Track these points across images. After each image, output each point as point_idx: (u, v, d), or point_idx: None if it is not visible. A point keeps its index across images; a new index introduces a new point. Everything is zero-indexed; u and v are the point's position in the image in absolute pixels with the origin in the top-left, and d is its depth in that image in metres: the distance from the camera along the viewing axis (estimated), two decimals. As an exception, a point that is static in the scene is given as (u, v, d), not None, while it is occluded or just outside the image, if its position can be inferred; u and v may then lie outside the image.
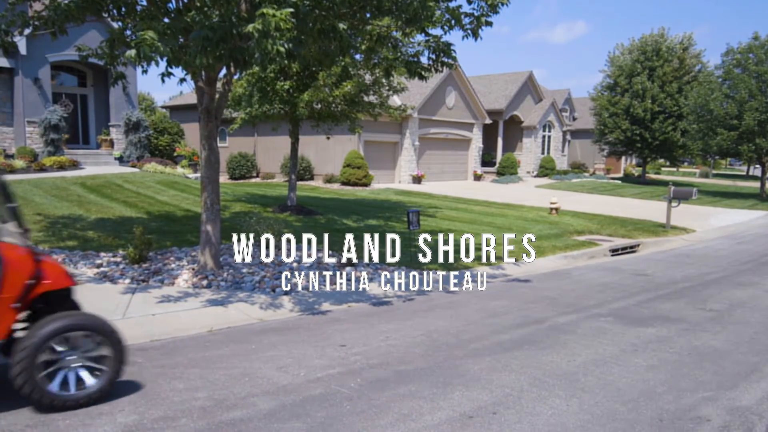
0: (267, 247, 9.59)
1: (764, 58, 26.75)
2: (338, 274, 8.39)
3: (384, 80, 14.30)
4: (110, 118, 23.88)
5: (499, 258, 10.32)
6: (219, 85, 8.16)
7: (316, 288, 7.61)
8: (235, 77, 13.83)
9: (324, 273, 8.36)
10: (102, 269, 7.93)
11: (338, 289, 7.67)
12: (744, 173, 57.49)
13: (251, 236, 9.98)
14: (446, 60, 8.16)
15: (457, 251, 10.73)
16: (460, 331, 5.90)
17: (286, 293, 7.28)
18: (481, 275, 9.10)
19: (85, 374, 3.96)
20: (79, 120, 24.20)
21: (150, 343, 5.35)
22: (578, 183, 33.38)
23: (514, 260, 10.29)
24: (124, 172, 19.49)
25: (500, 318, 6.46)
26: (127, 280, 7.45)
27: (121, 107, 23.74)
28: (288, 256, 9.19)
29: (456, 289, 8.15)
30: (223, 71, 8.07)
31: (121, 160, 23.02)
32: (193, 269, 7.96)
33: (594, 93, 38.12)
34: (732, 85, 27.29)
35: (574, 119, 46.44)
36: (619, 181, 36.47)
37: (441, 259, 9.89)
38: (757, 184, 38.08)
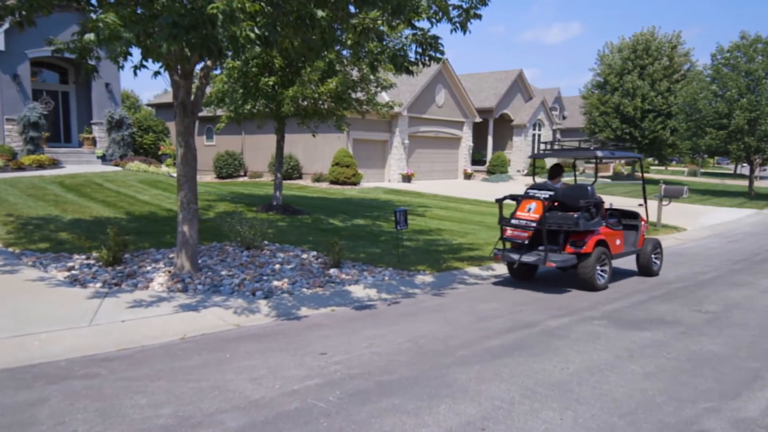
0: (249, 248, 9.26)
1: (753, 56, 26.74)
2: (322, 275, 8.07)
3: (371, 76, 13.99)
4: (93, 115, 23.35)
5: (490, 258, 10.05)
6: (197, 79, 7.81)
7: (299, 291, 7.28)
8: (217, 72, 13.47)
9: (307, 275, 8.03)
10: (73, 272, 7.55)
11: (321, 292, 7.35)
12: (731, 172, 57.81)
13: (233, 237, 9.66)
14: (434, 54, 7.85)
15: (446, 251, 10.44)
16: (447, 336, 5.60)
17: (266, 297, 6.94)
18: (471, 276, 8.84)
19: None
20: (60, 118, 23.64)
21: (116, 353, 5.00)
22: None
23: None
24: (106, 171, 19.01)
25: (490, 322, 6.17)
26: (99, 284, 7.07)
27: (103, 105, 23.22)
28: (270, 257, 8.87)
29: (444, 291, 7.85)
30: (201, 65, 7.72)
31: (103, 158, 22.50)
32: (170, 272, 7.60)
33: (584, 91, 38.09)
34: (722, 83, 27.25)
35: (564, 118, 46.41)
36: (609, 180, 36.45)
37: (429, 259, 9.61)
38: (744, 183, 38.20)
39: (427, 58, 7.87)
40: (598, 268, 7.81)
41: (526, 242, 7.78)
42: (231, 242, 9.55)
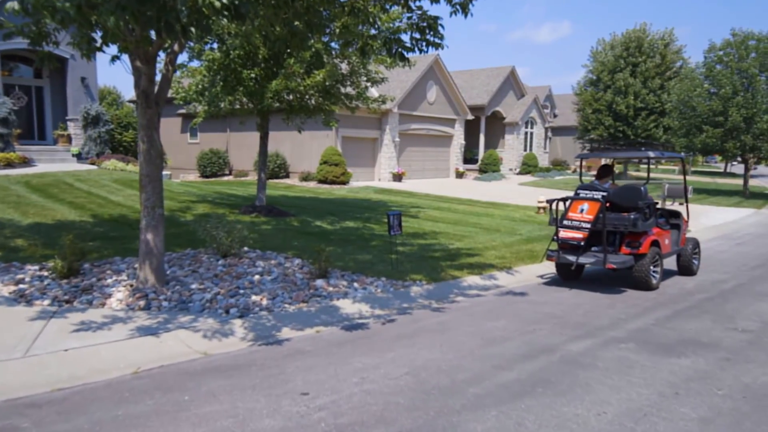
0: (226, 256, 8.33)
1: (744, 54, 26.21)
2: (307, 288, 7.16)
3: (362, 69, 13.09)
4: (68, 111, 22.19)
5: (491, 265, 9.22)
6: (164, 66, 6.87)
7: (280, 307, 6.37)
8: (195, 64, 12.49)
9: (290, 287, 7.12)
10: (21, 286, 6.57)
11: (306, 308, 6.44)
12: (721, 170, 57.63)
13: (208, 244, 8.72)
14: (432, 39, 6.98)
15: (443, 258, 9.59)
16: (454, 367, 4.73)
17: (241, 315, 6.02)
18: (472, 287, 7.99)
19: None
20: (34, 114, 22.46)
21: (49, 394, 4.07)
22: (562, 180, 32.59)
23: (507, 268, 9.19)
24: (79, 170, 17.93)
25: (501, 346, 5.31)
26: (47, 301, 6.11)
27: (79, 100, 22.08)
28: (249, 266, 7.95)
29: (444, 305, 6.98)
30: (171, 56, 6.77)
31: (79, 156, 21.37)
32: (131, 286, 6.65)
33: (577, 89, 37.46)
34: (715, 81, 26.70)
35: (555, 116, 45.76)
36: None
37: (426, 267, 8.75)
38: (735, 181, 37.84)
39: (424, 44, 7.00)
40: (651, 268, 7.84)
41: (582, 243, 7.77)
42: (206, 249, 8.61)
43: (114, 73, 70.60)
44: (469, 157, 34.23)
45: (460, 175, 31.40)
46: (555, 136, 44.54)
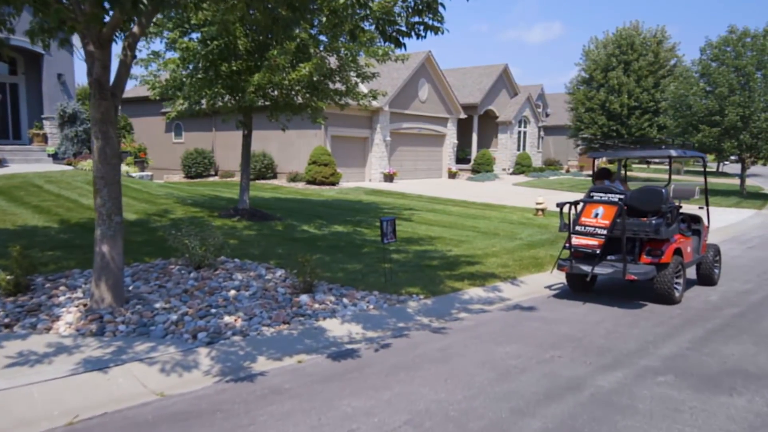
0: (199, 267, 7.44)
1: (742, 51, 25.66)
2: (289, 304, 6.30)
3: (351, 63, 12.21)
4: (44, 109, 21.11)
5: (493, 275, 8.40)
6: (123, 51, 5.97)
7: (257, 330, 5.50)
8: (172, 55, 11.57)
9: (270, 304, 6.25)
10: (-43, 306, 5.66)
11: (287, 330, 5.58)
12: (714, 170, 57.37)
13: (180, 253, 7.84)
14: (431, 22, 6.16)
15: (441, 266, 8.77)
16: (463, 411, 3.89)
17: (210, 341, 5.14)
18: (474, 300, 7.16)
19: None
20: (8, 112, 21.36)
21: (-49, 460, 3.18)
22: (556, 180, 31.93)
23: (511, 278, 8.38)
24: (52, 171, 16.90)
25: (517, 380, 4.48)
26: (-18, 326, 5.21)
27: (56, 98, 21.01)
28: (225, 279, 7.06)
29: (446, 323, 6.15)
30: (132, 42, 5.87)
31: (55, 156, 20.32)
32: (85, 305, 5.75)
33: (570, 87, 36.83)
34: (711, 80, 26.13)
35: (547, 115, 45.16)
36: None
37: (423, 278, 7.91)
38: (729, 181, 37.40)
39: (422, 28, 6.17)
40: (674, 279, 7.08)
41: (598, 252, 6.98)
42: (179, 259, 7.70)
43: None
44: (461, 157, 33.47)
45: (452, 175, 30.63)
46: (547, 135, 43.95)
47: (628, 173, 41.34)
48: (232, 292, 6.52)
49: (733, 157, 28.75)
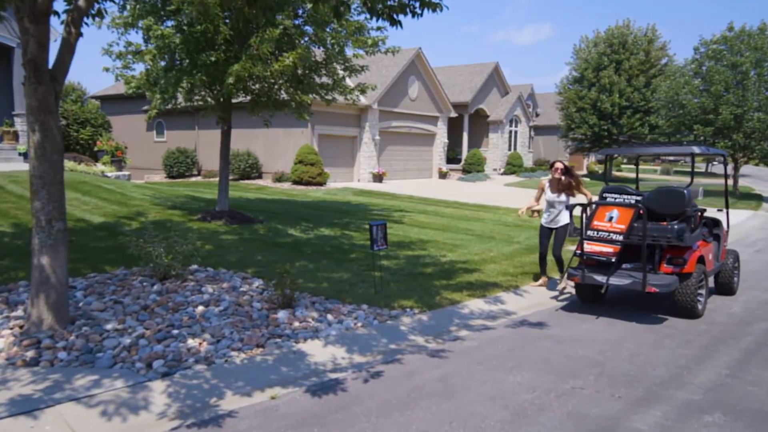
0: (165, 278, 6.59)
1: (741, 48, 25.23)
2: (265, 323, 5.48)
3: (338, 54, 11.37)
4: (14, 106, 20.02)
5: (494, 284, 7.64)
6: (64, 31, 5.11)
7: (225, 356, 4.68)
8: (149, 47, 10.65)
9: (243, 322, 5.43)
10: None
11: (260, 356, 4.76)
12: (703, 170, 57.30)
13: (144, 262, 6.97)
14: None
15: (436, 274, 7.99)
16: (474, 467, 3.11)
17: (167, 372, 4.31)
18: (476, 314, 6.39)
19: None
20: (-23, 109, 20.28)
21: None
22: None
23: (513, 287, 7.63)
24: (19, 171, 15.86)
25: (535, 423, 3.70)
26: None
27: (27, 93, 19.96)
28: (193, 292, 6.22)
29: (445, 344, 5.37)
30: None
31: (26, 155, 19.26)
32: (21, 327, 4.89)
33: (561, 87, 36.31)
34: (706, 78, 25.67)
35: (537, 115, 44.60)
36: (588, 179, 34.72)
37: (417, 288, 7.13)
38: (717, 181, 37.11)
39: (417, 4, 5.39)
40: (697, 290, 6.39)
41: (613, 260, 6.34)
42: (143, 269, 6.84)
43: (79, 68, 67.68)
44: (452, 157, 32.76)
45: (443, 175, 29.92)
46: (537, 135, 43.42)
47: (618, 173, 40.85)
48: (200, 308, 5.68)
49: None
